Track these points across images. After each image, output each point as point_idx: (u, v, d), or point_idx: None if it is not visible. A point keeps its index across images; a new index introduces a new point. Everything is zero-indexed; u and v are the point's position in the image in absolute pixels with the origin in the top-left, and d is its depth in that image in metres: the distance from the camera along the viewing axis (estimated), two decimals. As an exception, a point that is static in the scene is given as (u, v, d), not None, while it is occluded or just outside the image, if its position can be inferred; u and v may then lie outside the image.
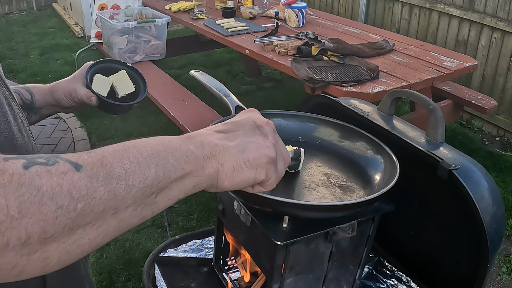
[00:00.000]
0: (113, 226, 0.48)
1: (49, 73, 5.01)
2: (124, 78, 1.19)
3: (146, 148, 0.51)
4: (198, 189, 0.57)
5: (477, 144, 3.70)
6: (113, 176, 0.47)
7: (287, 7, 3.25)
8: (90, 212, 0.45)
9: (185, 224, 2.73)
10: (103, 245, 0.49)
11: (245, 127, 0.62)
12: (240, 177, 0.59)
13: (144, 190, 0.49)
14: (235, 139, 0.60)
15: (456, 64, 2.59)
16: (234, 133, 0.61)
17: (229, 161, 0.58)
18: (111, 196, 0.46)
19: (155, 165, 0.50)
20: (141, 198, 0.49)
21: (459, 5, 3.86)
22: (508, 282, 2.44)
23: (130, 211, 0.48)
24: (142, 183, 0.49)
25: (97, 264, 2.48)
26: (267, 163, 0.60)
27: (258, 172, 0.60)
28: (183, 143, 0.55)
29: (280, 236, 0.84)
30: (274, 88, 4.71)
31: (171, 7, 3.81)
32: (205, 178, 0.56)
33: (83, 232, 0.45)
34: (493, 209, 0.87)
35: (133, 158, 0.50)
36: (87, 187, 0.45)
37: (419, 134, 1.02)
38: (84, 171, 0.45)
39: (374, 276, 1.19)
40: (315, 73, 2.39)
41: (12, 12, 7.68)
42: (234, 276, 1.20)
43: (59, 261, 0.45)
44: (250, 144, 0.60)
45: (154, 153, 0.51)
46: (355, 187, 0.96)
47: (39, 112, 1.05)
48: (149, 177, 0.49)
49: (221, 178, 0.58)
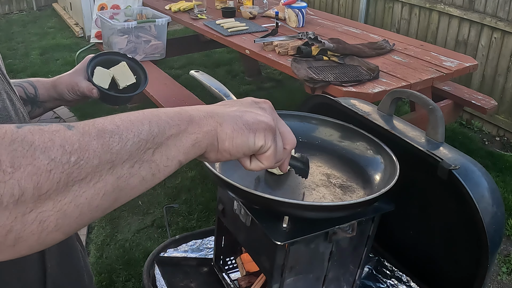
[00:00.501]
0: (111, 184, 0.46)
1: (49, 73, 5.01)
2: (124, 70, 1.21)
3: (138, 112, 0.52)
4: (199, 148, 0.55)
5: (477, 144, 3.70)
6: (105, 131, 0.46)
7: (287, 7, 3.25)
8: (84, 165, 0.44)
9: (185, 224, 2.73)
10: (104, 211, 0.47)
11: (243, 103, 0.62)
12: (241, 138, 0.57)
13: (139, 144, 0.48)
14: (233, 109, 0.60)
15: (456, 64, 2.59)
16: (232, 106, 0.61)
17: (228, 122, 0.57)
18: (105, 149, 0.45)
19: (148, 121, 0.50)
20: (137, 153, 0.48)
21: (459, 5, 3.86)
22: (508, 282, 2.44)
23: (127, 167, 0.47)
24: (136, 137, 0.48)
25: (97, 264, 2.48)
26: (265, 130, 0.59)
27: (258, 136, 0.59)
28: (178, 109, 0.55)
29: (280, 236, 0.84)
30: (274, 88, 4.71)
31: (171, 7, 3.81)
32: (203, 135, 0.55)
33: (79, 189, 0.44)
34: (493, 209, 0.87)
35: (125, 117, 0.50)
36: (79, 140, 0.44)
37: (419, 134, 1.02)
38: (76, 129, 0.45)
39: (374, 276, 1.19)
40: (315, 73, 2.39)
41: (12, 12, 7.68)
42: (234, 276, 1.20)
43: (57, 226, 0.43)
44: (248, 113, 0.60)
45: (146, 113, 0.52)
46: (355, 187, 0.96)
47: (42, 105, 1.07)
48: (143, 132, 0.49)
49: (221, 138, 0.56)
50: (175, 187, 3.04)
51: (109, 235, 2.70)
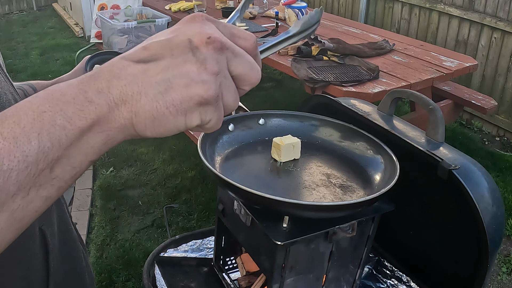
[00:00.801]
0: (5, 221, 0.39)
1: (49, 73, 5.01)
2: None
3: (28, 112, 0.40)
4: (113, 143, 0.44)
5: (477, 144, 3.70)
6: None
7: (287, 7, 3.25)
8: None
9: (185, 224, 2.73)
10: (12, 239, 0.42)
11: (175, 51, 0.43)
12: (164, 126, 0.44)
13: (28, 170, 0.39)
14: (157, 72, 0.43)
15: (456, 64, 2.59)
16: (157, 62, 0.43)
17: (146, 108, 0.43)
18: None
19: (37, 135, 0.39)
20: (29, 180, 0.40)
21: (459, 5, 3.86)
22: (508, 282, 2.44)
23: (20, 198, 0.39)
24: (23, 163, 0.39)
25: (97, 264, 2.48)
26: (199, 106, 0.44)
27: (189, 118, 0.44)
28: (81, 91, 0.42)
29: (280, 236, 0.84)
30: (274, 88, 4.71)
31: (171, 7, 3.81)
32: (116, 131, 0.43)
33: None
34: (493, 209, 0.87)
35: (8, 132, 0.39)
36: None
37: (419, 134, 1.02)
38: None
39: (374, 276, 1.19)
40: (315, 73, 2.39)
41: (12, 12, 7.68)
42: (234, 276, 1.20)
43: None
44: (177, 80, 0.43)
45: (36, 117, 0.40)
46: (355, 187, 0.96)
47: None
48: (31, 153, 0.39)
49: (140, 129, 0.44)
50: (175, 187, 3.04)
51: (109, 235, 2.70)
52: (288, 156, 1.03)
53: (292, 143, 1.02)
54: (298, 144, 1.03)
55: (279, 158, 1.02)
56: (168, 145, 3.50)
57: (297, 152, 1.04)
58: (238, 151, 1.05)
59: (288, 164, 1.02)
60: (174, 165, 3.22)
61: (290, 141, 1.02)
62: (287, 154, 1.02)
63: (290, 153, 1.03)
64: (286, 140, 1.02)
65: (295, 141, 1.03)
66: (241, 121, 1.10)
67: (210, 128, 0.47)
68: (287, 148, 1.02)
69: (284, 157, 1.02)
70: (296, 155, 1.04)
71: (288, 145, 1.02)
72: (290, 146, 1.02)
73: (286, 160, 1.03)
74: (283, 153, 1.01)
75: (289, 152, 1.03)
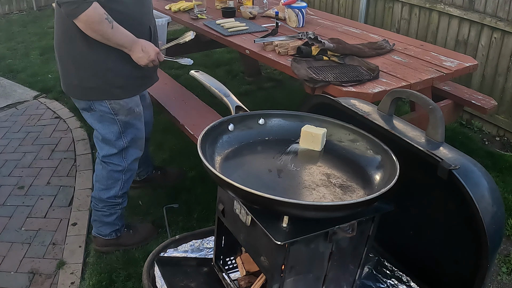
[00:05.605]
0: None
1: (49, 73, 5.01)
2: None
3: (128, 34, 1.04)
4: None
5: (477, 144, 3.70)
6: None
7: (287, 7, 3.25)
8: None
9: (185, 224, 2.73)
10: None
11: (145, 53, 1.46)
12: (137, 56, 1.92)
13: None
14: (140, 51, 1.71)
15: (456, 64, 2.59)
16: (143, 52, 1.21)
17: (139, 55, 1.20)
18: None
19: (124, 37, 1.18)
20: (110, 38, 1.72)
21: (459, 5, 3.86)
22: (508, 282, 2.44)
23: None
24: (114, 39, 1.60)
25: (97, 264, 2.48)
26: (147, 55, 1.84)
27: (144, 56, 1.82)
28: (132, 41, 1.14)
29: (280, 236, 0.84)
30: (274, 88, 4.70)
31: (171, 7, 3.81)
32: (126, 51, 1.08)
33: None
34: (493, 209, 0.87)
35: (120, 32, 0.94)
36: None
37: (419, 134, 1.02)
38: None
39: (374, 276, 1.19)
40: (315, 73, 2.38)
41: (12, 12, 7.68)
42: (234, 276, 1.20)
43: None
44: (144, 54, 1.82)
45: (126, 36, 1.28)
46: (355, 187, 0.96)
47: None
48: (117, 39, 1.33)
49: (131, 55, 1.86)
50: (175, 187, 3.04)
51: (109, 235, 2.70)
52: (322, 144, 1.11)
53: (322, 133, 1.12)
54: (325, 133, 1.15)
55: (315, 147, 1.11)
56: (168, 145, 3.50)
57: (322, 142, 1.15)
58: (238, 151, 1.05)
59: (288, 164, 1.02)
60: (174, 165, 3.22)
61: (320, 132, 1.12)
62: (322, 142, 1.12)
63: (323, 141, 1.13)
64: (317, 130, 1.12)
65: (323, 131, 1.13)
66: (241, 121, 1.10)
67: None
68: (323, 137, 1.11)
69: (319, 146, 1.11)
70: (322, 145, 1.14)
71: (324, 133, 1.11)
72: (323, 136, 1.11)
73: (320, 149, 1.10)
74: (321, 141, 1.10)
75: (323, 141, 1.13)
